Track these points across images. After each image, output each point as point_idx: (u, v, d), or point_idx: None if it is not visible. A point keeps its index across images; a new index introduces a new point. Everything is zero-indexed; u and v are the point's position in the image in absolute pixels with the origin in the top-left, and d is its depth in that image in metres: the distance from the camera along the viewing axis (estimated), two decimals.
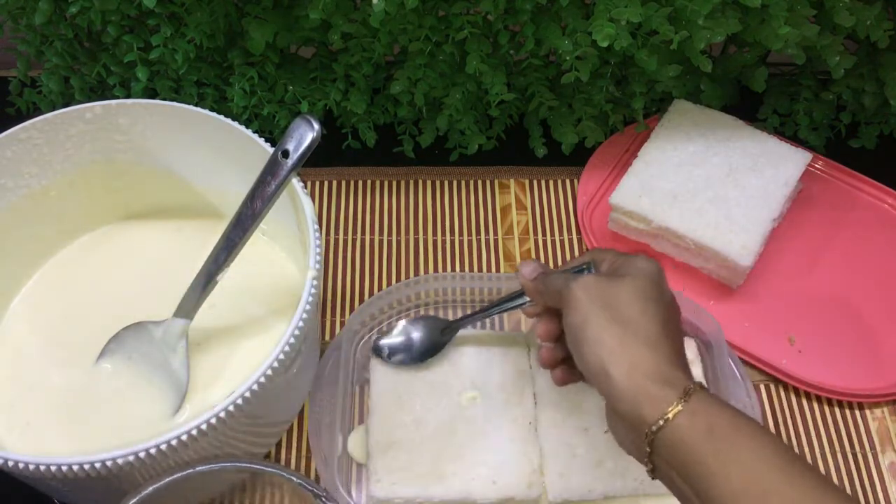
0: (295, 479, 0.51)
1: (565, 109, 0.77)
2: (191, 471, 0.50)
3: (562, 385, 0.56)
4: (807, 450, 0.64)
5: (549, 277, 0.53)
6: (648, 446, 0.44)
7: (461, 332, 0.66)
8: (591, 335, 0.47)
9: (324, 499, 0.50)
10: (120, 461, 0.47)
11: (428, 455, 0.59)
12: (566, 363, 0.54)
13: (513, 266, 0.73)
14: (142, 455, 0.47)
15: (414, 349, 0.63)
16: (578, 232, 0.75)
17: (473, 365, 0.63)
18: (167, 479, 0.50)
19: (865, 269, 0.72)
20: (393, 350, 0.63)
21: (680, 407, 0.43)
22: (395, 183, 0.78)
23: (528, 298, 0.56)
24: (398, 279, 0.72)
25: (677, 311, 0.51)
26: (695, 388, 0.44)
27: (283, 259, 0.67)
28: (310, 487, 0.50)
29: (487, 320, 0.68)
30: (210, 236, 0.57)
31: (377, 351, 0.63)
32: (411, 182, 0.78)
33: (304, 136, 0.52)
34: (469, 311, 0.64)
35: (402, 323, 0.64)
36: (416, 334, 0.64)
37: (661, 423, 0.43)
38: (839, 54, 0.70)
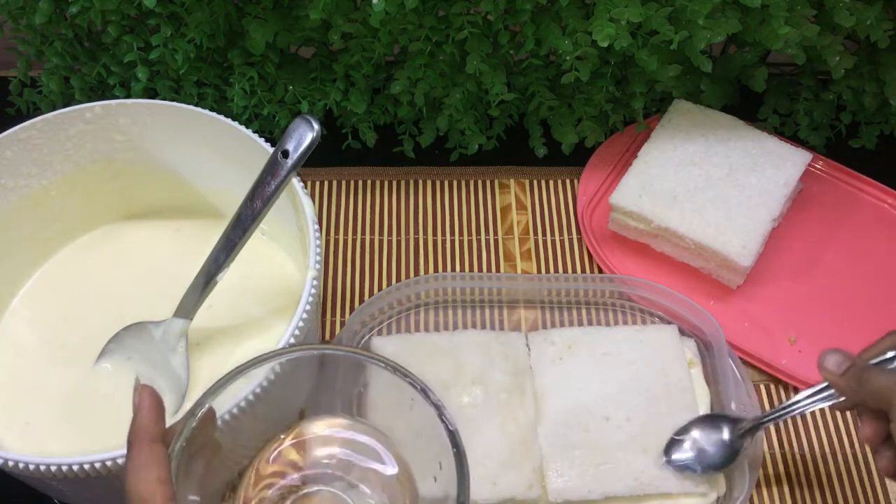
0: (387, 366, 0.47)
1: (565, 109, 0.77)
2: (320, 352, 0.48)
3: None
4: (807, 450, 0.64)
5: (867, 373, 0.47)
6: None
7: (461, 334, 0.66)
8: None
9: (419, 387, 0.46)
10: (120, 461, 0.47)
11: None
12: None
13: (513, 266, 0.73)
14: None
15: (710, 458, 0.58)
16: (578, 232, 0.75)
17: (473, 365, 0.63)
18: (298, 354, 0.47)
19: (865, 268, 0.72)
20: (685, 462, 0.59)
21: None
22: (395, 183, 0.78)
23: (833, 392, 0.52)
24: (398, 279, 0.72)
25: None
26: None
27: (283, 259, 0.67)
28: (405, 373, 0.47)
29: (487, 319, 0.68)
30: (210, 236, 0.57)
31: (669, 458, 0.59)
32: (411, 182, 0.78)
33: (303, 136, 0.52)
34: (471, 312, 0.63)
35: (692, 428, 0.60)
36: (710, 443, 0.59)
37: None
38: (839, 54, 0.70)
